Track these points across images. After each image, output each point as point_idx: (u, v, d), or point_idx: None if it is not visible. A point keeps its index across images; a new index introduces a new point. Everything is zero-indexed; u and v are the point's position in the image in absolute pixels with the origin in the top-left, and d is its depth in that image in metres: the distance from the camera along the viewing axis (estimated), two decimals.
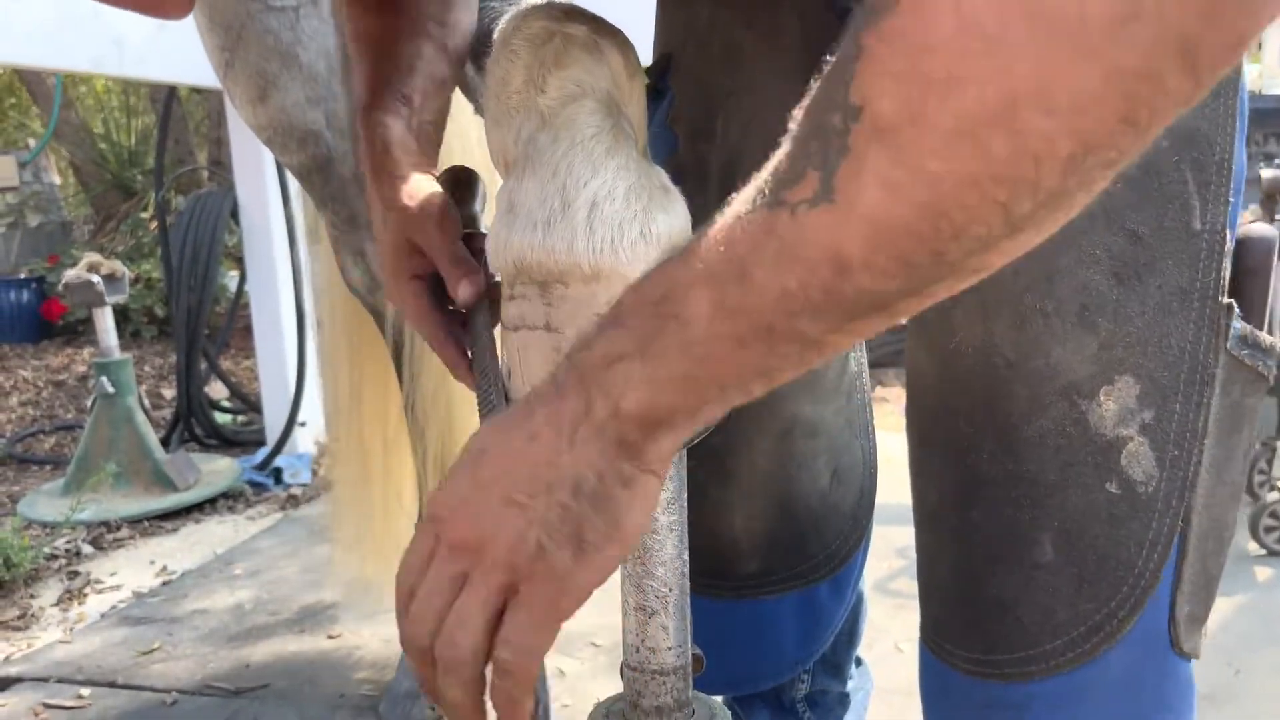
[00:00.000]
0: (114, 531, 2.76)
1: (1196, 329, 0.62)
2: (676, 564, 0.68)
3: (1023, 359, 0.62)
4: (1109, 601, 0.63)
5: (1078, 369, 0.62)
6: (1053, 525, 0.63)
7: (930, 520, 0.71)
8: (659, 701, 0.69)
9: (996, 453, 0.64)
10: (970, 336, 0.63)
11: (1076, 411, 0.62)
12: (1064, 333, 0.61)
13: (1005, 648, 0.65)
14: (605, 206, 0.59)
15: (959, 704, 0.70)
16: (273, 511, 2.92)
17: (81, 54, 2.60)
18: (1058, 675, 0.64)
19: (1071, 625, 0.63)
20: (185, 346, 3.48)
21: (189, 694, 1.82)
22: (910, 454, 0.74)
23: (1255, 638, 1.84)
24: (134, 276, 5.03)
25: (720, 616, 0.90)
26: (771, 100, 0.75)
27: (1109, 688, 0.64)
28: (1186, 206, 0.61)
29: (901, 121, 0.38)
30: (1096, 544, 0.63)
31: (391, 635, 1.99)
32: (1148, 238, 0.61)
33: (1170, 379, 0.62)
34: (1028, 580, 0.64)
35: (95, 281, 2.95)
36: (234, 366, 4.67)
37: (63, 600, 2.31)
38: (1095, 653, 0.63)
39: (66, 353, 5.27)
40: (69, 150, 6.90)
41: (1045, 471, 0.62)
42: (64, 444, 3.82)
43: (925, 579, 0.73)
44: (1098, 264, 0.61)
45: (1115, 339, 0.62)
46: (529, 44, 0.61)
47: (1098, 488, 0.62)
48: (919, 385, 0.69)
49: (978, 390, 0.64)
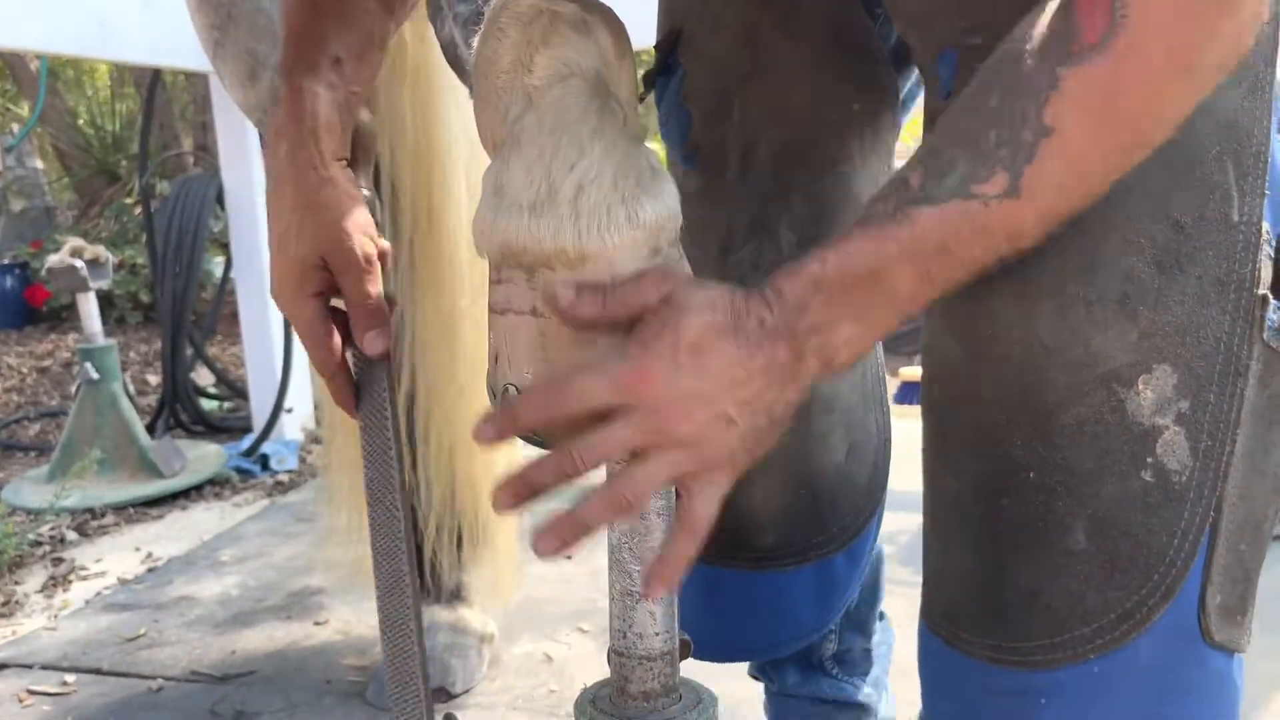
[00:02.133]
0: (99, 518, 2.74)
1: (1232, 320, 0.63)
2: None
3: (1062, 346, 0.62)
4: (1140, 589, 0.63)
5: (1118, 357, 0.62)
6: (1086, 513, 0.63)
7: (950, 509, 0.70)
8: (646, 687, 0.69)
9: (1032, 440, 0.64)
10: (1008, 323, 0.64)
11: (1115, 399, 0.62)
12: (1105, 320, 0.62)
13: (1033, 634, 0.65)
14: (592, 190, 0.59)
15: (976, 692, 0.69)
16: (259, 498, 2.91)
17: (64, 35, 2.57)
18: (1086, 662, 0.64)
19: (1102, 612, 0.63)
20: (170, 332, 3.46)
21: (175, 681, 1.82)
22: (926, 442, 0.73)
23: None
24: (118, 262, 5.00)
25: (739, 587, 0.93)
26: (791, 86, 0.76)
27: (1137, 675, 0.64)
28: (1227, 197, 0.62)
29: (1086, 146, 0.53)
30: (1130, 532, 0.63)
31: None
32: (1189, 227, 0.62)
33: (1206, 369, 0.63)
34: (1059, 568, 0.64)
35: (79, 267, 2.92)
36: (220, 353, 4.65)
37: (47, 587, 2.30)
38: (1125, 640, 0.63)
39: (51, 339, 5.24)
40: (53, 135, 6.84)
41: (1082, 459, 0.63)
42: (48, 430, 3.79)
43: (938, 567, 0.73)
44: (1141, 252, 0.62)
45: (1155, 328, 0.62)
46: (517, 22, 0.60)
47: (1133, 476, 0.62)
48: (943, 373, 0.69)
49: (1013, 377, 0.64)
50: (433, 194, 1.55)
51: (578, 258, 0.59)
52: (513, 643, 1.87)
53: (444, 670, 1.66)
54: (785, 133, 0.78)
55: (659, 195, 0.61)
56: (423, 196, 1.55)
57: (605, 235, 0.59)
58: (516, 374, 0.62)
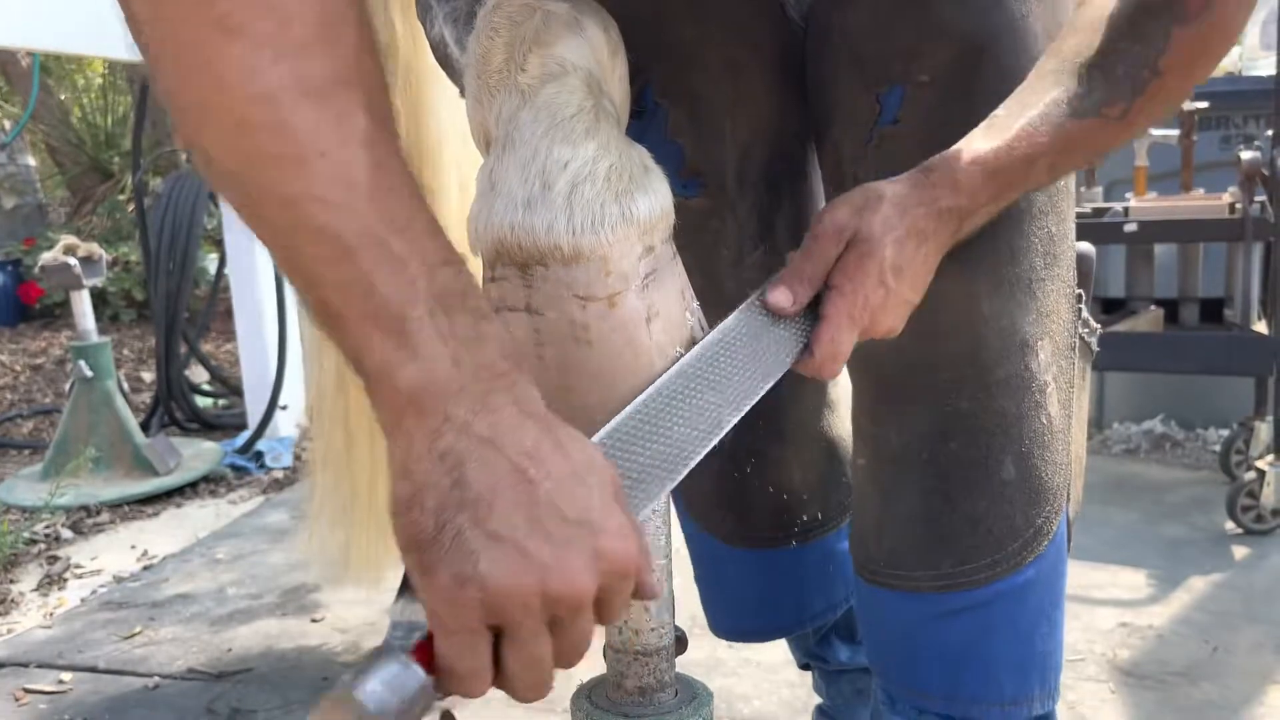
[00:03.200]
0: (94, 516, 2.74)
1: (1069, 307, 0.84)
2: (658, 545, 0.68)
3: (996, 316, 0.79)
4: (1045, 508, 0.82)
5: (1026, 328, 0.80)
6: (1014, 449, 0.80)
7: (894, 461, 0.84)
8: (642, 682, 0.69)
9: (976, 393, 0.80)
10: (954, 301, 0.78)
11: (1025, 360, 0.80)
12: (1020, 298, 0.80)
13: (979, 555, 0.81)
14: (586, 188, 0.59)
15: (927, 620, 0.83)
16: (254, 495, 2.90)
17: (56, 32, 2.56)
18: (1014, 573, 0.81)
19: (1025, 529, 0.81)
20: (165, 330, 3.45)
21: (171, 678, 1.81)
22: (866, 408, 0.87)
23: (1233, 615, 1.86)
24: (112, 259, 4.97)
25: (792, 563, 1.02)
26: (769, 105, 0.87)
27: (1043, 577, 0.83)
28: (1063, 218, 0.84)
29: (1176, 86, 0.72)
30: (1037, 464, 0.81)
31: (374, 618, 1.99)
32: (1056, 234, 0.82)
33: (1065, 343, 0.84)
34: (997, 495, 0.80)
35: (72, 264, 2.91)
36: (215, 350, 4.64)
37: (43, 585, 2.29)
38: (1039, 549, 0.82)
39: (44, 336, 5.22)
40: (45, 131, 6.81)
41: (1009, 406, 0.80)
42: (42, 428, 3.78)
43: (879, 517, 0.86)
44: (1036, 248, 0.80)
45: (1044, 307, 0.81)
46: (509, 21, 0.61)
47: (1038, 419, 0.81)
48: (892, 347, 0.79)
49: (960, 341, 0.80)
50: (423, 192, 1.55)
51: (572, 254, 0.59)
52: None
53: None
54: (769, 147, 0.89)
55: (652, 192, 0.61)
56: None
57: (599, 232, 0.59)
58: None
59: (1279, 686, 1.59)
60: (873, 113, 0.79)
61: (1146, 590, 1.99)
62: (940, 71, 0.76)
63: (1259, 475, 2.22)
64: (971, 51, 0.75)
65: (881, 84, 0.78)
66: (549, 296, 0.60)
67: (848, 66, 0.81)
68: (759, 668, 1.68)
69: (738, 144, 0.87)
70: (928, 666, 0.85)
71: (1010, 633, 0.83)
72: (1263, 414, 2.44)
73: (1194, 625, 1.83)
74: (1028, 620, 0.83)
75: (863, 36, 0.79)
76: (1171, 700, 1.58)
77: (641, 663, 0.69)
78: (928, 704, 0.85)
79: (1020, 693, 0.83)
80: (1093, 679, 1.66)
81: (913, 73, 0.77)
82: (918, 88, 0.77)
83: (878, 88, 0.78)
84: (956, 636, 0.83)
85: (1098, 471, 2.74)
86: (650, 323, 0.62)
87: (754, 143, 0.87)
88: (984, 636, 0.82)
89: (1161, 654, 1.73)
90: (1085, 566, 2.09)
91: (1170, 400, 2.97)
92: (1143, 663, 1.70)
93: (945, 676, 0.84)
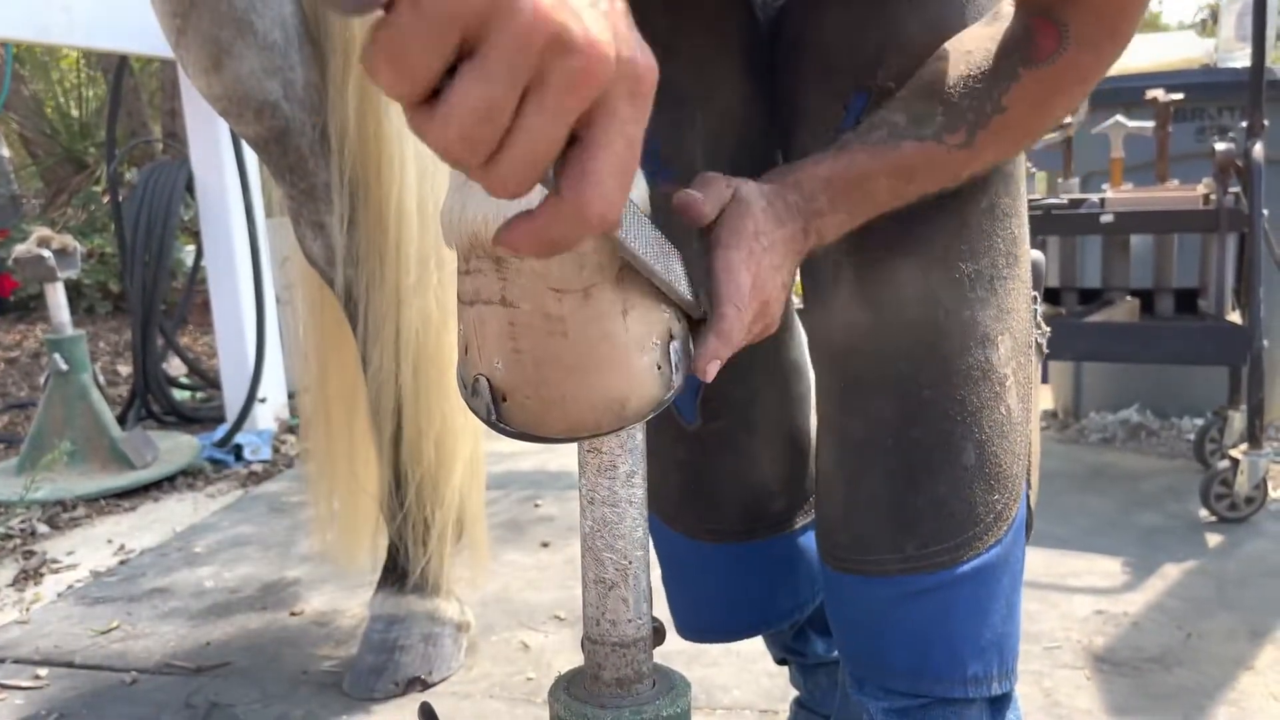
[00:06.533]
0: (70, 510, 2.72)
1: (1027, 307, 0.88)
2: (636, 536, 0.68)
3: (956, 309, 0.82)
4: (1005, 494, 0.85)
5: (987, 323, 0.83)
6: (974, 437, 0.83)
7: (859, 448, 0.86)
8: (620, 673, 0.69)
9: (937, 381, 0.83)
10: (915, 295, 0.82)
11: (985, 353, 0.83)
12: (981, 294, 0.83)
13: (943, 538, 0.84)
14: None
15: (893, 603, 0.86)
16: (233, 489, 2.89)
17: (29, 22, 2.53)
18: (976, 556, 0.84)
19: (986, 514, 0.84)
20: (141, 322, 3.42)
21: (149, 673, 1.81)
22: (830, 398, 0.89)
23: (1206, 602, 1.88)
24: (87, 251, 4.94)
25: (764, 557, 1.04)
26: (736, 97, 0.90)
27: (1003, 560, 0.86)
28: (1025, 223, 0.87)
29: (1021, 121, 0.75)
30: (997, 451, 0.84)
31: (355, 611, 1.99)
32: (1018, 236, 0.86)
33: (1024, 340, 0.87)
34: (959, 480, 0.83)
35: (46, 256, 2.89)
36: (192, 342, 4.61)
37: (18, 580, 2.27)
38: (1000, 534, 0.85)
39: (19, 329, 5.17)
40: (19, 122, 6.73)
41: (969, 396, 0.83)
42: (17, 422, 3.75)
43: (844, 503, 0.88)
44: (999, 248, 0.84)
45: (1005, 304, 0.84)
46: None
47: (998, 410, 0.84)
48: (856, 337, 0.85)
49: (922, 332, 0.83)
50: (380, 180, 1.54)
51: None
52: (490, 631, 1.87)
53: (420, 659, 1.66)
54: (737, 139, 0.91)
55: None
56: (373, 183, 1.55)
57: None
58: (486, 364, 0.62)
59: (1252, 672, 1.61)
60: (839, 118, 0.83)
61: (1122, 578, 2.01)
62: (903, 78, 0.79)
63: (1233, 464, 2.25)
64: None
65: (849, 93, 0.82)
66: (524, 289, 0.60)
67: (817, 77, 0.85)
68: (738, 657, 1.69)
69: (709, 132, 0.89)
70: (894, 647, 0.88)
71: (973, 613, 0.86)
72: (1236, 403, 2.47)
73: (1168, 612, 1.85)
74: (989, 601, 0.86)
75: (832, 49, 0.83)
76: (1146, 686, 1.59)
77: (619, 654, 0.69)
78: (894, 683, 0.88)
79: (982, 671, 0.87)
80: (1068, 665, 1.67)
81: (878, 78, 0.80)
82: (882, 93, 0.80)
83: (845, 98, 0.82)
84: (922, 617, 0.86)
85: (1074, 460, 2.76)
86: (626, 315, 0.61)
87: (723, 133, 0.89)
88: (948, 617, 0.86)
89: (1136, 640, 1.75)
90: (1061, 554, 2.11)
91: (1146, 390, 3.00)
92: (1118, 649, 1.72)
93: (911, 656, 0.87)
